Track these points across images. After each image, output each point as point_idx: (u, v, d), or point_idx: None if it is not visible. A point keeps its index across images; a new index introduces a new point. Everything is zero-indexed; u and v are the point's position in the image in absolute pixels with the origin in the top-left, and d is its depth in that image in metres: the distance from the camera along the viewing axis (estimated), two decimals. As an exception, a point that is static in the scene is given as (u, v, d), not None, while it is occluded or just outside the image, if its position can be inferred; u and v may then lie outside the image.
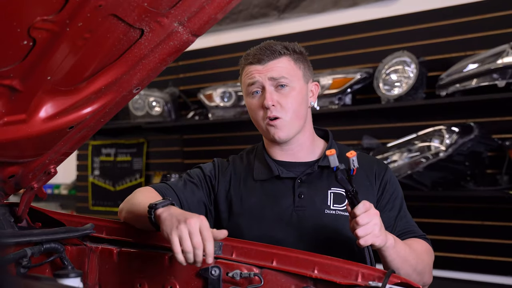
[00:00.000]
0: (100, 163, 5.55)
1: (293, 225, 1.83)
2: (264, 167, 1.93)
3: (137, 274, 1.63)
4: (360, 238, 1.53)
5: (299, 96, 1.86)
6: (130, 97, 1.54)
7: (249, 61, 1.88)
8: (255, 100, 1.88)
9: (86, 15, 1.16)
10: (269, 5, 4.55)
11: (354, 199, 1.53)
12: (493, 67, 3.18)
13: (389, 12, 3.92)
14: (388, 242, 1.60)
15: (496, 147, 3.37)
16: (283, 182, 1.89)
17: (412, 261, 1.69)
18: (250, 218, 1.86)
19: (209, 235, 1.42)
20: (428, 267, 1.81)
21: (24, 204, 1.69)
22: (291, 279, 1.50)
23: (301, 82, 1.89)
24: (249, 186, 1.92)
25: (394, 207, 1.88)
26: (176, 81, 4.98)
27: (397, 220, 1.87)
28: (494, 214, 3.43)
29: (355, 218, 1.53)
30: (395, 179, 1.94)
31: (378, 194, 1.88)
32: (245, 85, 1.89)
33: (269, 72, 1.84)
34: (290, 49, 1.88)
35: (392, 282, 1.41)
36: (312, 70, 1.98)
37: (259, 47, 1.89)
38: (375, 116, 3.89)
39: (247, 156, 2.02)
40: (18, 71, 1.21)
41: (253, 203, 1.88)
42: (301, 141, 1.92)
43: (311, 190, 1.86)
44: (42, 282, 1.35)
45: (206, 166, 1.99)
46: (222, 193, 1.93)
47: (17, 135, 1.35)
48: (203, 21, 1.37)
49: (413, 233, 1.87)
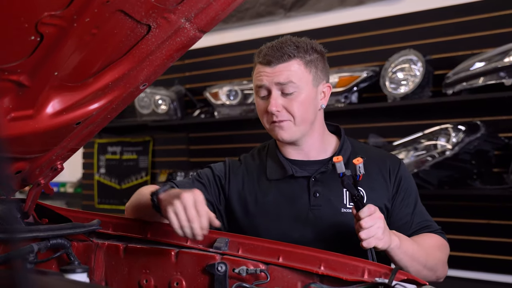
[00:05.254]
0: (106, 161, 5.56)
1: (309, 224, 1.83)
2: (278, 166, 1.92)
3: (143, 270, 1.64)
4: (363, 240, 1.57)
5: (306, 101, 1.83)
6: (137, 93, 1.54)
7: (260, 60, 1.86)
8: (262, 102, 1.87)
9: (94, 11, 1.16)
10: (275, 3, 4.55)
11: (360, 202, 1.58)
12: (500, 65, 3.16)
13: (395, 11, 3.91)
14: (392, 244, 1.62)
15: (503, 145, 3.35)
16: (297, 181, 1.88)
17: (421, 258, 1.71)
18: (267, 218, 1.86)
19: (203, 208, 1.47)
20: (441, 262, 1.85)
21: (31, 200, 1.69)
22: (297, 276, 1.49)
23: (309, 86, 1.85)
24: (263, 185, 1.91)
25: (410, 203, 1.89)
26: (182, 79, 4.98)
27: (413, 216, 1.89)
28: (500, 212, 3.42)
29: (359, 221, 1.57)
30: (409, 174, 1.95)
31: (393, 191, 1.88)
32: (254, 84, 1.89)
33: (277, 77, 1.81)
34: (303, 50, 1.84)
35: (399, 278, 1.41)
36: (328, 70, 1.93)
37: (271, 45, 1.86)
38: (381, 115, 3.88)
39: (258, 154, 2.01)
40: (26, 67, 1.22)
41: (268, 203, 1.88)
42: (310, 142, 1.91)
43: (326, 188, 1.86)
44: (49, 277, 1.36)
45: (217, 166, 1.99)
46: (234, 193, 1.93)
47: (24, 130, 1.36)
48: (210, 17, 1.37)
49: (429, 228, 1.90)
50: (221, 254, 1.56)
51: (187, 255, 1.59)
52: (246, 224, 1.89)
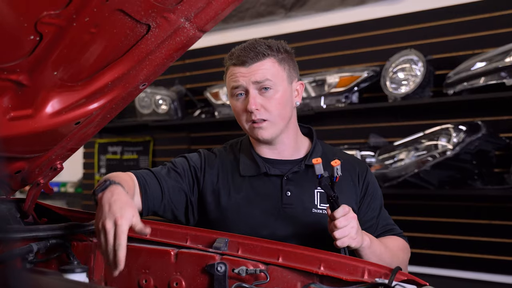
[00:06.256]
0: (106, 161, 5.56)
1: (280, 222, 1.85)
2: (251, 163, 1.94)
3: (143, 270, 1.63)
4: (337, 240, 1.63)
5: (283, 98, 1.87)
6: (136, 93, 1.54)
7: (233, 62, 1.87)
8: (239, 102, 1.88)
9: (93, 10, 1.16)
10: (276, 3, 4.55)
11: (335, 203, 1.63)
12: (501, 65, 3.16)
13: (396, 10, 3.91)
14: (364, 243, 1.69)
15: (504, 145, 3.35)
16: (270, 179, 1.91)
17: (387, 259, 1.76)
18: (238, 214, 1.87)
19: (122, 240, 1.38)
20: (404, 263, 1.91)
21: (31, 199, 1.69)
22: (297, 276, 1.49)
23: (285, 83, 1.88)
24: (236, 180, 1.92)
25: (375, 207, 1.97)
26: (183, 79, 4.98)
27: (378, 219, 1.97)
28: (501, 213, 3.42)
29: (334, 220, 1.63)
30: (375, 179, 2.03)
31: (361, 194, 1.95)
32: (229, 86, 1.90)
33: (253, 76, 1.83)
34: (275, 49, 1.87)
35: (399, 279, 1.41)
36: (298, 69, 1.97)
37: (243, 47, 1.88)
38: (382, 115, 3.88)
39: (231, 149, 2.02)
40: (25, 66, 1.21)
41: (240, 199, 1.89)
42: (285, 141, 1.93)
43: (298, 188, 1.88)
44: (48, 276, 1.35)
45: (192, 156, 1.99)
46: (208, 185, 1.93)
47: (24, 130, 1.35)
48: (210, 17, 1.37)
49: (392, 231, 1.98)
50: (221, 254, 1.56)
51: (187, 255, 1.59)
52: (216, 218, 1.90)
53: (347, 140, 3.99)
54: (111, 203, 1.43)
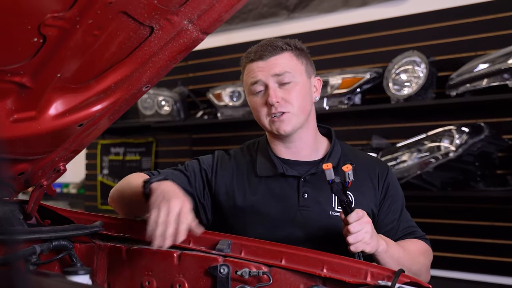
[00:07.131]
0: (109, 162, 5.56)
1: (297, 224, 1.83)
2: (268, 164, 1.92)
3: (146, 271, 1.63)
4: (351, 245, 1.60)
5: (303, 90, 1.86)
6: (139, 95, 1.54)
7: (251, 58, 1.88)
8: (258, 98, 1.87)
9: (96, 12, 1.16)
10: (278, 5, 4.55)
11: (348, 208, 1.60)
12: (504, 67, 3.16)
13: (399, 12, 3.91)
14: (379, 248, 1.66)
15: (507, 147, 3.34)
16: (287, 180, 1.88)
17: (406, 263, 1.72)
18: (254, 215, 1.86)
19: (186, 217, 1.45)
20: (425, 268, 1.87)
21: (34, 201, 1.69)
22: (300, 278, 1.49)
23: (303, 76, 1.88)
24: (252, 181, 1.91)
25: (396, 210, 1.93)
26: (185, 80, 4.98)
27: (399, 222, 1.92)
28: (504, 214, 3.41)
29: (347, 225, 1.60)
30: (396, 180, 1.99)
31: (381, 196, 1.91)
32: (248, 84, 1.89)
33: (272, 69, 1.83)
34: (292, 44, 1.88)
35: (402, 281, 1.41)
36: (314, 66, 1.97)
37: (260, 44, 1.90)
38: (385, 116, 3.87)
39: (248, 150, 2.01)
40: (28, 68, 1.22)
41: (256, 200, 1.87)
42: (304, 138, 1.91)
43: (315, 190, 1.86)
44: (51, 278, 1.36)
45: (205, 159, 1.99)
46: (221, 187, 1.92)
47: (27, 132, 1.36)
48: (213, 19, 1.37)
49: (414, 234, 1.93)
50: (224, 256, 1.56)
51: (190, 257, 1.59)
52: (232, 220, 1.89)
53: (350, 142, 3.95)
54: (174, 189, 1.53)
